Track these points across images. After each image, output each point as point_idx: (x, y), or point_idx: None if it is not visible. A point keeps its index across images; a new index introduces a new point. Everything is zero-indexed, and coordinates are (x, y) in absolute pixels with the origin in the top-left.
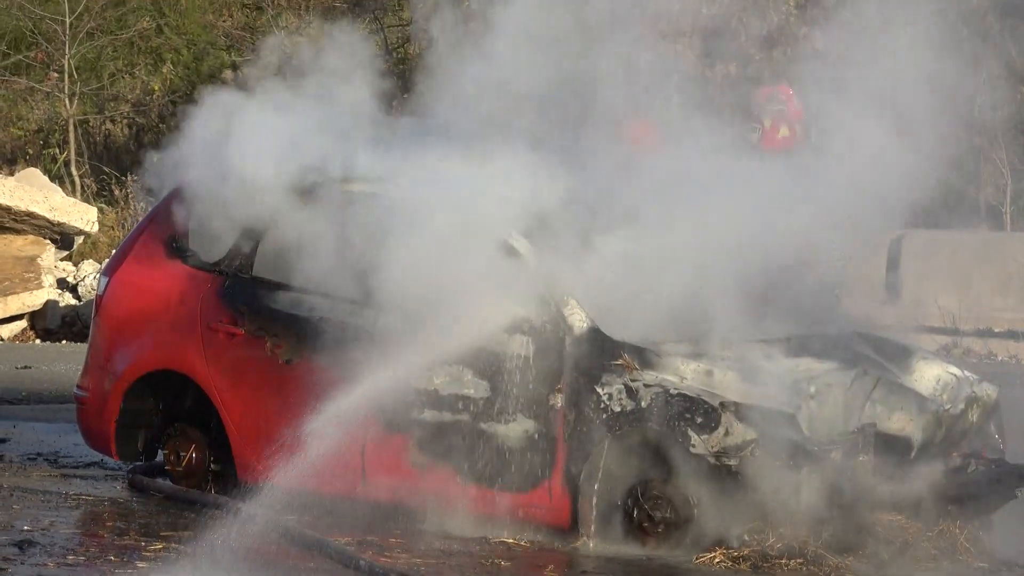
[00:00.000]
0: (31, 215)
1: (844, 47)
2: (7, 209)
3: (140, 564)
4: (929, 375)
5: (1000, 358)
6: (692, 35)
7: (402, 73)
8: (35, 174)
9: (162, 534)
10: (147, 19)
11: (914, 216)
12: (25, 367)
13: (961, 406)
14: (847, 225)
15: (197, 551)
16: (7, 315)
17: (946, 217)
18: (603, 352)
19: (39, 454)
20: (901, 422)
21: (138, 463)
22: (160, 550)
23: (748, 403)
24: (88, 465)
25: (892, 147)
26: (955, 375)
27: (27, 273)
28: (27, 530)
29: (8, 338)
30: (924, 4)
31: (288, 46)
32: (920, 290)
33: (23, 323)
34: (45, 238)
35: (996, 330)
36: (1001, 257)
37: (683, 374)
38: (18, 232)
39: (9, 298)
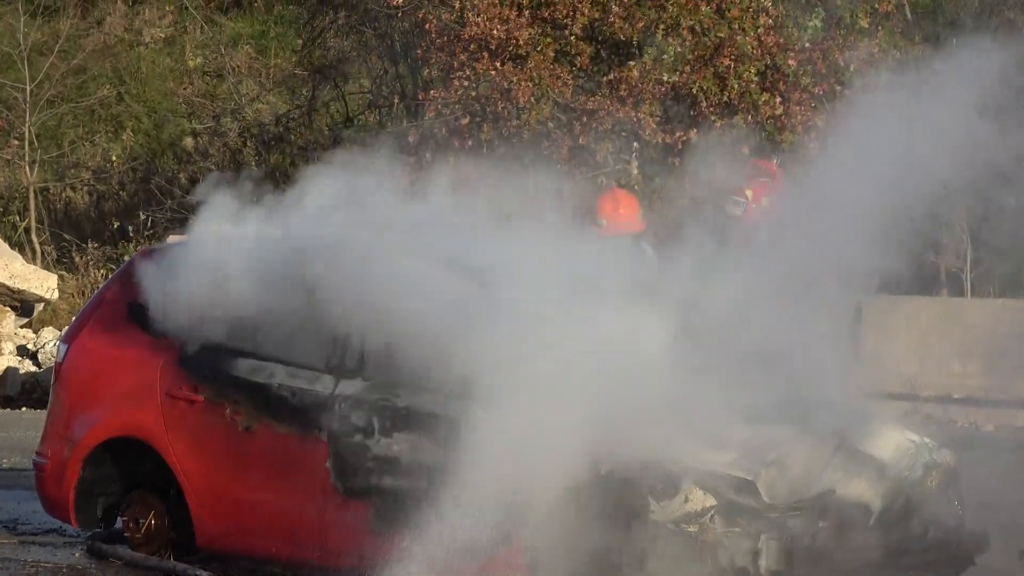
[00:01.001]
0: None
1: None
2: None
3: None
4: (889, 442)
5: (960, 424)
6: (652, 102)
7: (363, 141)
8: None
9: None
10: (107, 86)
11: (874, 282)
12: None
13: (920, 472)
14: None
15: None
16: None
17: (907, 283)
18: None
19: None
20: (860, 488)
21: (97, 530)
22: None
23: (708, 470)
24: (47, 532)
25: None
26: (914, 441)
27: None
28: None
29: None
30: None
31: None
32: (880, 355)
33: None
34: (5, 305)
35: (956, 396)
36: (962, 323)
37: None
38: None
39: None
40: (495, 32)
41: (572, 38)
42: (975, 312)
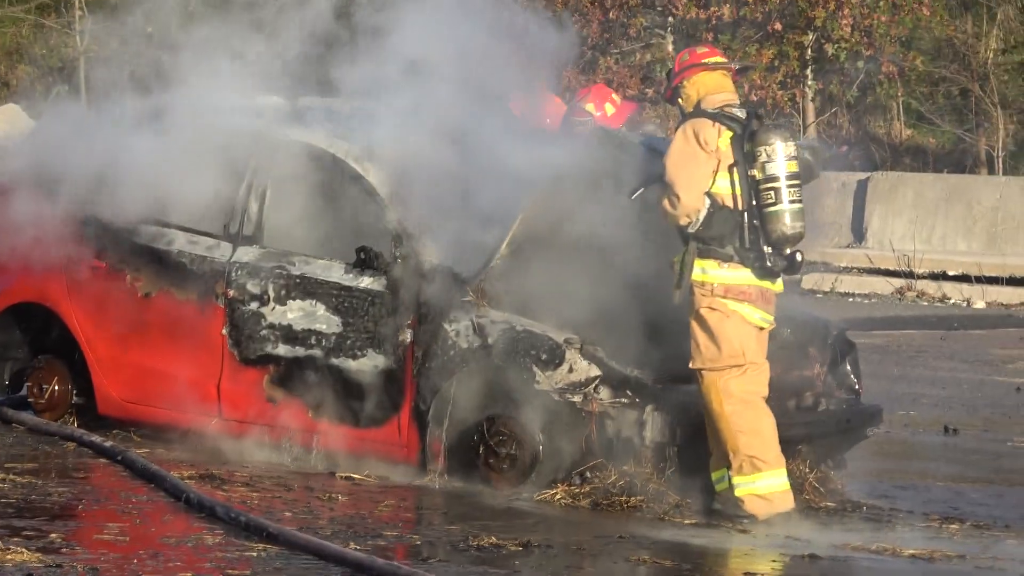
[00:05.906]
0: None
1: None
2: None
3: None
4: None
5: (953, 300)
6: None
7: None
8: (14, 110)
9: (6, 465)
10: None
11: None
12: None
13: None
14: None
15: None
16: None
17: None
18: (452, 288)
19: None
20: None
21: (9, 395)
22: None
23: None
24: None
25: None
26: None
27: None
28: None
29: None
30: None
31: None
32: (884, 231)
33: None
34: None
35: (951, 273)
36: (965, 200)
37: None
38: None
39: None
40: None
41: None
42: (980, 189)
